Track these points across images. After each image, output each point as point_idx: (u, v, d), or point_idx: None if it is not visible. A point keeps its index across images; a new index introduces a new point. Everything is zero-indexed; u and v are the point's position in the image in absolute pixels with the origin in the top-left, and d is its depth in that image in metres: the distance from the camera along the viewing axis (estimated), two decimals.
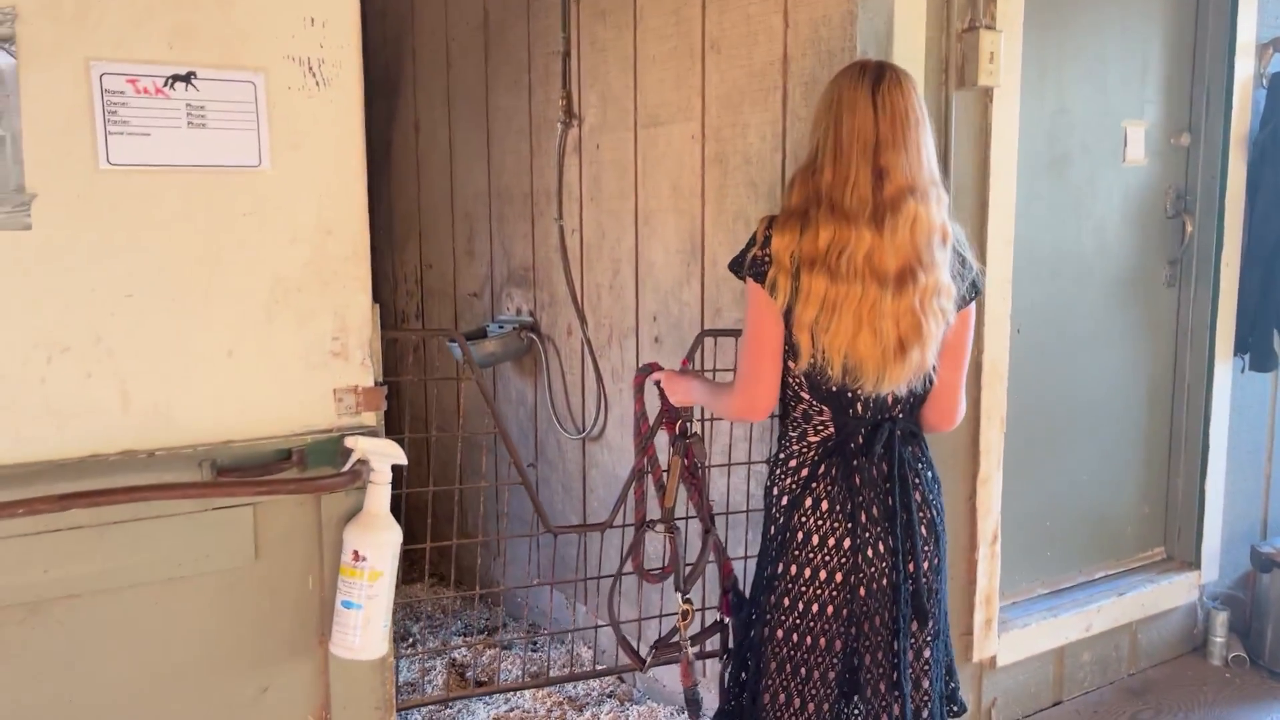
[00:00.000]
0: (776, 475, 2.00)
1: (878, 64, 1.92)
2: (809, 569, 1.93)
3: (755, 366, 1.93)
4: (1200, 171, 3.18)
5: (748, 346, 1.95)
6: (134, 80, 1.51)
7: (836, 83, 1.91)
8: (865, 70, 1.89)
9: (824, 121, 1.89)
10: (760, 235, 1.91)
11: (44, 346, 1.50)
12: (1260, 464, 3.45)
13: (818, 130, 1.91)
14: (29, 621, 1.53)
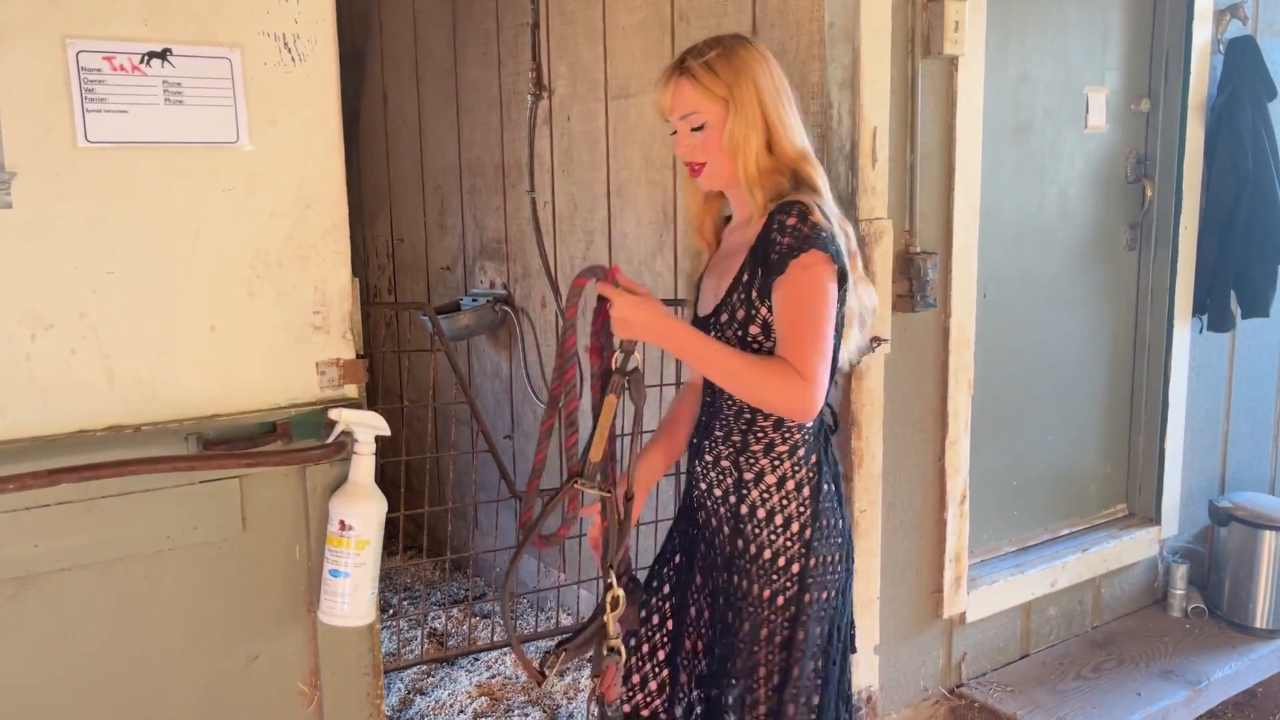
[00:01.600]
0: (789, 466, 1.83)
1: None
2: (834, 555, 1.85)
3: (828, 356, 1.73)
4: (1160, 137, 3.25)
5: (823, 332, 1.71)
6: (110, 57, 1.52)
7: (764, 55, 1.84)
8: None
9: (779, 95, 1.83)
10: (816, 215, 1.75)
11: (28, 324, 1.51)
12: (1218, 422, 3.55)
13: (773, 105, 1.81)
14: (20, 595, 1.55)
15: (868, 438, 2.54)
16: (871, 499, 2.57)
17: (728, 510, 1.87)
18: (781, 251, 1.74)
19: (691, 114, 1.81)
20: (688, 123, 1.82)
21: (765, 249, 1.77)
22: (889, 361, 2.57)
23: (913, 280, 2.56)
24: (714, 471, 1.89)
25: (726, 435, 1.87)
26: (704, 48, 1.84)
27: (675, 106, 1.83)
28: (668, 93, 1.84)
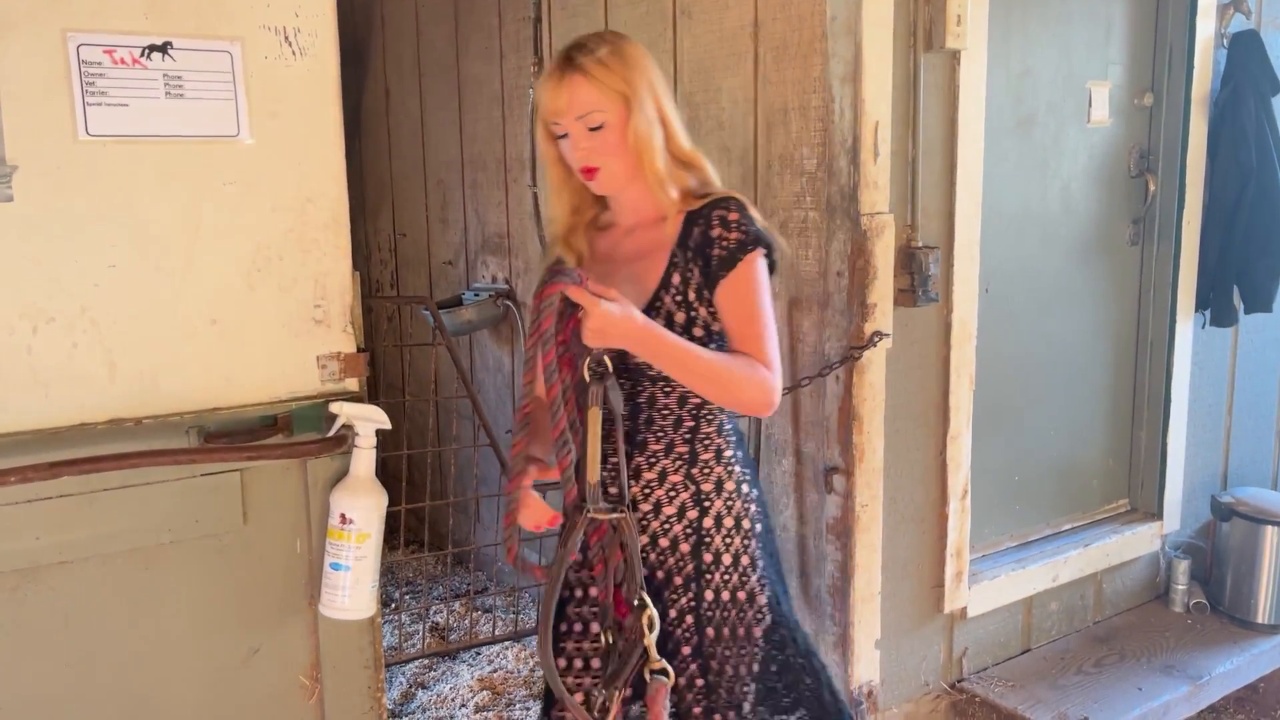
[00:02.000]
0: (738, 470, 1.80)
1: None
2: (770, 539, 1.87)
3: (778, 345, 1.74)
4: (1163, 131, 3.24)
5: (771, 328, 1.73)
6: (111, 51, 1.52)
7: (647, 52, 1.79)
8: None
9: (668, 93, 1.78)
10: (753, 210, 1.77)
11: (29, 317, 1.51)
12: (1220, 417, 3.55)
13: (667, 101, 1.76)
14: (22, 588, 1.55)
15: (869, 432, 2.54)
16: (873, 493, 2.57)
17: (686, 526, 1.76)
18: (730, 249, 1.70)
19: (590, 113, 1.68)
20: (585, 123, 1.68)
21: (705, 247, 1.71)
22: (890, 356, 2.57)
23: (914, 275, 2.56)
24: (660, 489, 1.75)
25: (669, 448, 1.76)
26: (593, 44, 1.71)
27: (572, 106, 1.67)
28: (562, 93, 1.68)
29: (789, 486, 2.72)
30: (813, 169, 2.51)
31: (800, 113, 2.51)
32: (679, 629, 1.77)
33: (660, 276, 1.72)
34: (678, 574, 1.76)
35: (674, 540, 1.76)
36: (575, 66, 1.68)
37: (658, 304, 1.71)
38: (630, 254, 1.79)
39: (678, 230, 1.73)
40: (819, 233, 2.53)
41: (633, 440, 1.75)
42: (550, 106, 1.70)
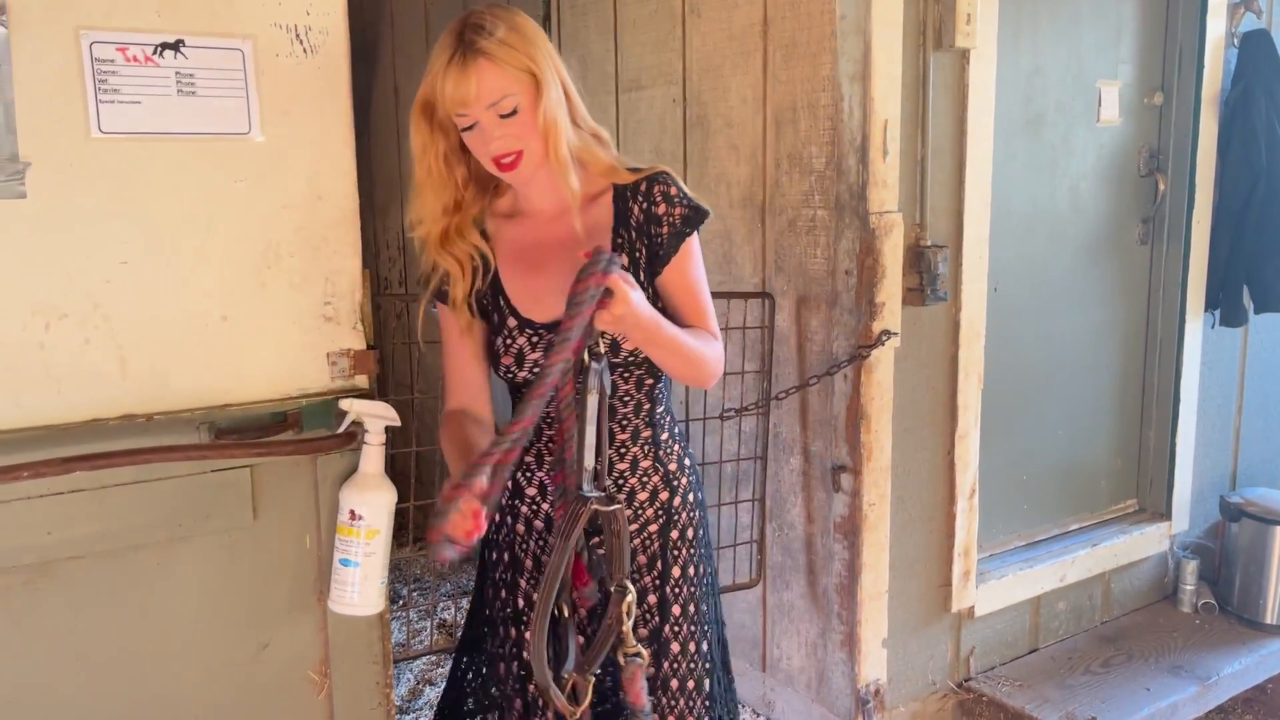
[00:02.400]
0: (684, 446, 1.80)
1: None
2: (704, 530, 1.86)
3: None
4: (1173, 130, 3.23)
5: (709, 295, 1.73)
6: (123, 49, 1.53)
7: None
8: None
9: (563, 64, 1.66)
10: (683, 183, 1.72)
11: (42, 313, 1.52)
12: (1230, 417, 3.54)
13: (565, 74, 1.65)
14: (35, 583, 1.56)
15: (877, 431, 2.54)
16: (880, 492, 2.58)
17: (658, 508, 1.75)
18: (677, 225, 1.66)
19: (502, 99, 1.54)
20: (496, 110, 1.55)
21: (650, 224, 1.66)
22: (899, 355, 2.57)
23: (923, 274, 2.55)
24: (634, 478, 1.73)
25: (635, 435, 1.72)
26: (488, 23, 1.56)
27: (481, 95, 1.53)
28: (468, 81, 1.53)
29: (797, 485, 2.72)
30: (821, 167, 2.51)
31: (809, 111, 2.51)
32: (639, 608, 1.73)
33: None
34: (642, 553, 1.75)
35: (644, 523, 1.75)
36: (478, 51, 1.53)
37: None
38: (563, 239, 1.67)
39: (611, 208, 1.68)
40: (827, 231, 2.53)
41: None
42: (454, 96, 1.54)
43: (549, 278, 1.66)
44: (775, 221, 2.66)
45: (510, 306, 1.69)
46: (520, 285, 1.70)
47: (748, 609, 2.92)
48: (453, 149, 1.65)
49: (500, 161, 1.59)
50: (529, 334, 1.67)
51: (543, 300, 1.66)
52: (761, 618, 2.89)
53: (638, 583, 1.74)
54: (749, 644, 2.94)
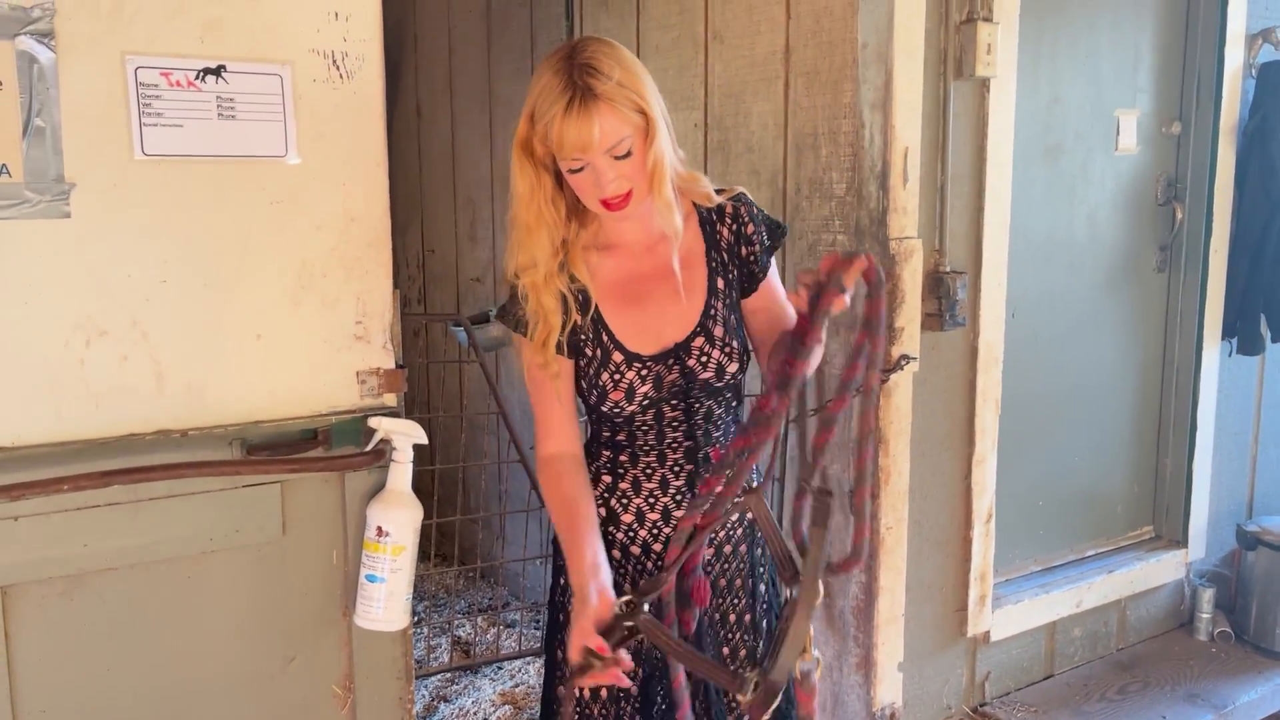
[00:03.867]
0: (753, 484, 1.65)
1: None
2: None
3: None
4: (1190, 160, 3.25)
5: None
6: (167, 73, 1.57)
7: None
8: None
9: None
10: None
11: (83, 330, 1.55)
12: (1246, 445, 3.54)
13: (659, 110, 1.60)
14: (70, 594, 1.59)
15: (895, 455, 2.56)
16: (898, 516, 2.59)
17: (746, 527, 1.76)
18: (765, 241, 1.72)
19: (620, 142, 1.53)
20: (614, 152, 1.53)
21: (740, 244, 1.70)
22: (917, 379, 2.59)
23: (942, 299, 2.58)
24: (731, 519, 1.71)
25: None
26: (603, 65, 1.52)
27: (603, 141, 1.51)
28: (590, 127, 1.49)
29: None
30: (842, 193, 2.54)
31: (830, 138, 2.54)
32: (739, 632, 1.75)
33: (707, 283, 1.68)
34: (738, 575, 1.75)
35: (735, 544, 1.75)
36: (597, 96, 1.50)
37: (712, 311, 1.67)
38: (661, 269, 1.67)
39: (699, 233, 1.69)
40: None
41: (695, 458, 1.70)
42: (575, 143, 1.51)
43: (648, 310, 1.67)
44: (795, 246, 2.69)
45: (616, 341, 1.66)
46: (623, 320, 1.67)
47: None
48: (555, 187, 1.63)
49: (611, 203, 1.57)
50: (638, 368, 1.65)
51: (647, 333, 1.66)
52: None
53: (736, 606, 1.74)
54: None
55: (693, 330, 1.66)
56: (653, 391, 1.66)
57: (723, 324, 1.67)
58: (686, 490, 1.70)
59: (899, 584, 2.62)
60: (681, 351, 1.65)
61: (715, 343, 1.66)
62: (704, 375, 1.66)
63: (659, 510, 1.71)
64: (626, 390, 1.66)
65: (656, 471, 1.71)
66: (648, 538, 1.73)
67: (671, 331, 1.66)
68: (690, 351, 1.65)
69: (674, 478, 1.71)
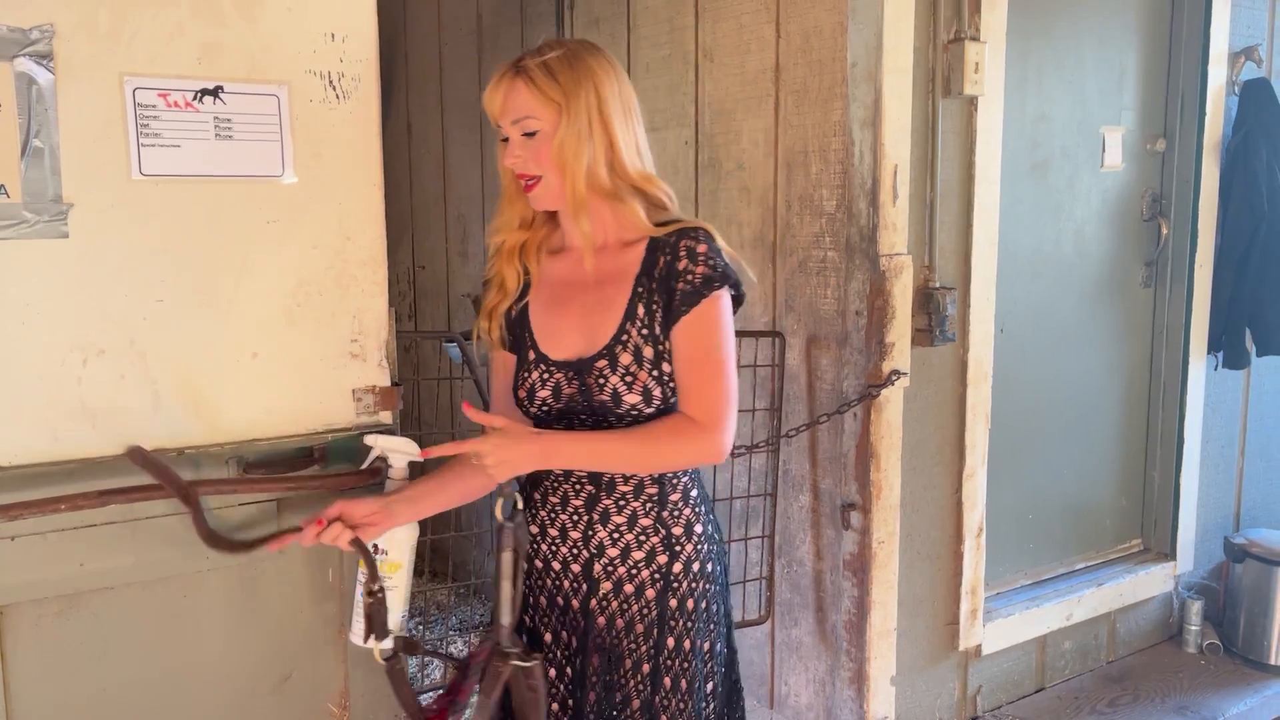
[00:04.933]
0: (704, 511, 1.72)
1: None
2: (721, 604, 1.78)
3: (735, 392, 1.63)
4: (1175, 176, 3.29)
5: (728, 371, 1.62)
6: (165, 94, 1.58)
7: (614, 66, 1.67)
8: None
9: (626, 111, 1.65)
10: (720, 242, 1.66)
11: (80, 349, 1.56)
12: (1233, 458, 3.57)
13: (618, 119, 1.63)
14: (66, 613, 1.59)
15: (886, 470, 2.58)
16: (889, 530, 2.60)
17: (655, 572, 1.67)
18: (695, 284, 1.60)
19: (524, 118, 1.59)
20: (520, 128, 1.60)
21: (670, 279, 1.61)
22: (907, 395, 2.61)
23: (931, 315, 2.60)
24: (630, 534, 1.67)
25: (638, 490, 1.66)
26: (545, 48, 1.62)
27: (505, 109, 1.60)
28: (499, 93, 1.61)
29: (806, 522, 2.75)
30: (832, 210, 2.56)
31: (820, 155, 2.57)
32: (634, 679, 1.69)
33: (625, 307, 1.63)
34: (640, 621, 1.68)
35: (639, 586, 1.68)
36: (519, 68, 1.60)
37: (624, 337, 1.62)
38: (591, 281, 1.68)
39: (641, 257, 1.64)
40: (838, 272, 2.57)
41: (599, 482, 1.67)
42: (487, 105, 1.63)
43: (567, 317, 1.69)
44: (786, 262, 2.71)
45: (533, 338, 1.71)
46: (543, 320, 1.71)
47: (756, 645, 2.93)
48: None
49: (522, 181, 1.64)
50: (542, 369, 1.67)
51: (560, 338, 1.68)
52: (770, 654, 2.91)
53: (635, 651, 1.69)
54: (757, 680, 2.95)
55: (599, 351, 1.64)
56: (551, 399, 1.65)
57: (633, 353, 1.62)
58: (585, 511, 1.68)
59: (891, 598, 2.63)
60: (583, 368, 1.64)
61: (617, 369, 1.62)
62: (600, 397, 1.63)
63: (558, 527, 1.70)
64: (529, 390, 1.68)
65: (561, 486, 1.68)
66: (548, 552, 1.73)
67: (581, 345, 1.66)
68: (591, 370, 1.63)
69: (574, 495, 1.68)
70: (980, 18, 2.60)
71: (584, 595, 1.70)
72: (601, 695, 1.71)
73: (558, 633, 1.74)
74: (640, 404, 1.63)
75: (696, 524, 1.70)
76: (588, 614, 1.70)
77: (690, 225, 1.64)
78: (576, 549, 1.69)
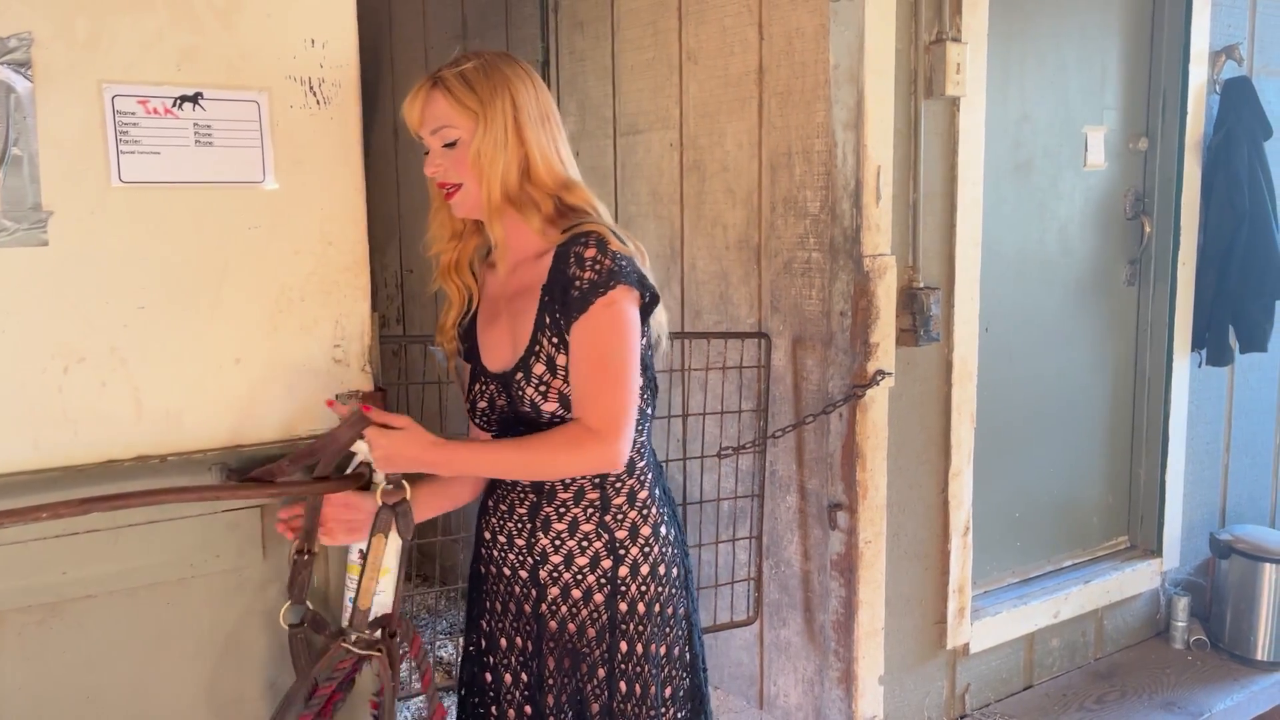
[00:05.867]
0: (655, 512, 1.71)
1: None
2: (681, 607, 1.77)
3: (633, 398, 1.60)
4: (1158, 174, 3.31)
5: (628, 374, 1.59)
6: (144, 101, 1.57)
7: (530, 75, 1.70)
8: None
9: (542, 119, 1.68)
10: (615, 244, 1.63)
11: (61, 357, 1.55)
12: (1218, 455, 3.59)
13: (533, 127, 1.66)
14: (48, 622, 1.58)
15: (872, 470, 2.58)
16: (876, 530, 2.61)
17: (600, 576, 1.69)
18: (583, 289, 1.59)
19: (442, 128, 1.65)
20: (439, 138, 1.66)
21: (564, 287, 1.60)
22: (893, 394, 2.62)
23: (916, 315, 2.61)
24: (572, 540, 1.68)
25: (579, 495, 1.68)
26: (461, 59, 1.67)
27: (425, 120, 1.67)
28: (416, 104, 1.67)
29: (793, 523, 2.75)
30: (816, 211, 2.57)
31: (804, 157, 2.58)
32: (591, 683, 1.71)
33: (535, 317, 1.66)
34: (591, 625, 1.70)
35: (587, 591, 1.69)
36: (436, 79, 1.66)
37: (536, 347, 1.64)
38: (507, 291, 1.73)
39: (548, 266, 1.65)
40: (822, 273, 2.58)
41: (540, 490, 1.69)
42: (406, 117, 1.69)
43: (498, 329, 1.75)
44: (771, 263, 2.72)
45: (476, 350, 1.78)
46: (482, 334, 1.78)
47: (744, 646, 2.94)
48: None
49: (442, 189, 1.70)
50: (481, 381, 1.74)
51: (493, 351, 1.75)
52: (758, 655, 2.91)
53: (588, 656, 1.70)
54: (746, 681, 2.96)
55: (516, 363, 1.67)
56: (488, 410, 1.72)
57: (545, 362, 1.64)
58: (528, 519, 1.71)
59: (878, 598, 2.64)
60: (507, 380, 1.69)
61: (531, 379, 1.65)
62: (522, 408, 1.66)
63: (505, 533, 1.75)
64: (472, 402, 1.76)
65: (508, 495, 1.73)
66: (499, 558, 1.76)
67: (508, 356, 1.71)
68: (512, 383, 1.67)
69: (519, 504, 1.72)
70: (961, 19, 2.61)
71: (534, 600, 1.73)
72: (561, 697, 1.72)
73: (512, 638, 1.77)
74: (560, 411, 1.65)
75: (644, 526, 1.70)
76: (539, 618, 1.73)
77: (582, 230, 1.63)
78: (522, 555, 1.72)
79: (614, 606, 1.70)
